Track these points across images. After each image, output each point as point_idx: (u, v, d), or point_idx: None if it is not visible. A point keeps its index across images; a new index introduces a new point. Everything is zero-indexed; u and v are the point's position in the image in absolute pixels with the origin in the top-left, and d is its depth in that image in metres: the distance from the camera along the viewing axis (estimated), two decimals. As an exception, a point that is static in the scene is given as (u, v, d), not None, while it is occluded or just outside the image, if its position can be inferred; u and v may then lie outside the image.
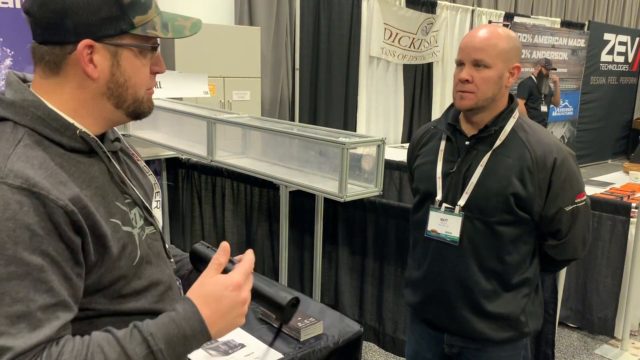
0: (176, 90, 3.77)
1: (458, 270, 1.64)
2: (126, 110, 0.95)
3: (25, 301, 0.77)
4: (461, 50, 1.59)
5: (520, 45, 1.62)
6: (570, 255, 1.67)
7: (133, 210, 0.97)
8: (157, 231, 1.04)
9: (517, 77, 1.61)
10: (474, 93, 1.56)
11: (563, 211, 1.58)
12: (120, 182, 0.96)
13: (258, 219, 3.43)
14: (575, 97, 8.98)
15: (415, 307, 1.79)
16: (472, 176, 1.60)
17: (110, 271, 0.90)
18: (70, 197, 0.83)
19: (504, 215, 1.57)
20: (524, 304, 1.65)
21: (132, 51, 0.92)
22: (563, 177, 1.56)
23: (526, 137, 1.59)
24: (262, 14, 5.48)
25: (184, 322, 0.87)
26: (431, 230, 1.68)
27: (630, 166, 5.11)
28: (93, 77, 0.90)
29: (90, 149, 0.92)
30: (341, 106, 6.49)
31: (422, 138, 1.81)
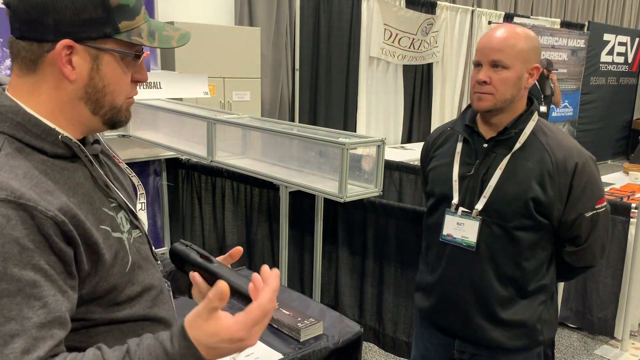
0: (176, 91, 3.77)
1: (474, 276, 1.60)
2: (103, 117, 0.91)
3: (19, 319, 0.73)
4: (479, 50, 1.55)
5: (539, 45, 1.58)
6: (589, 262, 1.63)
7: (119, 215, 0.94)
8: (143, 234, 1.01)
9: (536, 78, 1.57)
10: (492, 94, 1.52)
11: (583, 217, 1.54)
12: (104, 186, 0.93)
13: (258, 219, 3.43)
14: (575, 98, 8.98)
15: (426, 312, 1.74)
16: (491, 180, 1.56)
17: (105, 279, 0.87)
18: (59, 206, 0.80)
19: (523, 220, 1.53)
20: (540, 312, 1.61)
21: (114, 56, 0.88)
22: (584, 182, 1.52)
23: (546, 141, 1.55)
24: (262, 14, 5.49)
25: (178, 358, 0.79)
26: (447, 234, 1.64)
27: (630, 167, 5.11)
28: (70, 79, 0.86)
29: (73, 154, 0.89)
30: (341, 107, 6.49)
31: (437, 139, 1.76)
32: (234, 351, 0.82)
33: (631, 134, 10.67)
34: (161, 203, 4.06)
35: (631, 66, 10.39)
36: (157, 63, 4.17)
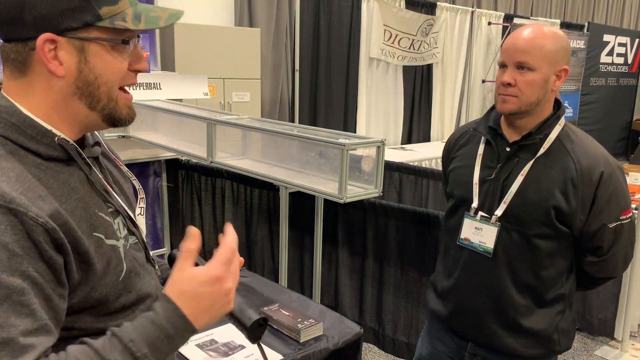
0: (176, 92, 3.77)
1: (490, 283, 1.56)
2: (101, 112, 0.87)
3: (6, 327, 0.71)
4: (504, 51, 1.50)
5: (569, 45, 1.51)
6: (610, 273, 1.57)
7: (117, 220, 0.91)
8: (140, 240, 0.98)
9: (564, 80, 1.50)
10: (517, 97, 1.47)
11: (606, 228, 1.48)
12: (102, 190, 0.90)
13: (258, 220, 3.43)
14: (574, 98, 8.98)
15: (440, 315, 1.70)
16: (512, 185, 1.51)
17: (96, 289, 0.85)
18: (50, 213, 0.77)
19: (543, 228, 1.48)
20: (557, 321, 1.57)
21: (101, 45, 0.83)
22: (609, 192, 1.46)
23: (572, 147, 1.50)
24: (262, 15, 5.49)
25: (165, 322, 0.80)
26: (464, 238, 1.60)
27: (630, 167, 5.11)
28: (58, 75, 0.82)
29: (69, 157, 0.86)
30: (341, 107, 6.49)
31: (459, 139, 1.71)
32: (218, 298, 0.84)
33: (631, 134, 10.67)
34: (161, 204, 4.06)
35: (631, 67, 10.40)
36: (156, 64, 4.17)
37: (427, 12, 7.05)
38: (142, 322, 0.80)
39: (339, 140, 2.49)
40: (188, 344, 1.77)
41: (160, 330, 0.80)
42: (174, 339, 0.81)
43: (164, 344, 0.80)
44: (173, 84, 3.77)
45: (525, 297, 1.54)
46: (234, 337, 1.86)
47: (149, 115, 3.71)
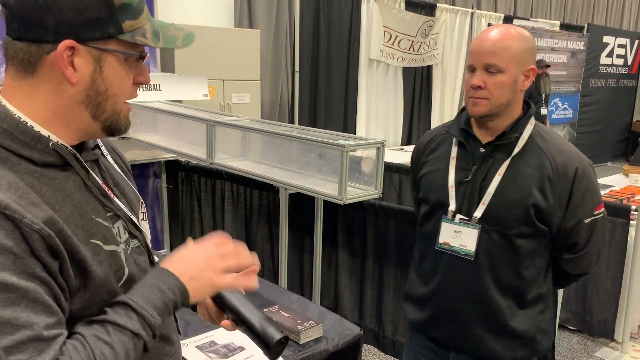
0: (176, 93, 3.77)
1: (472, 286, 1.55)
2: (103, 122, 0.87)
3: (28, 325, 0.73)
4: (472, 54, 1.50)
5: (534, 45, 1.52)
6: (585, 269, 1.60)
7: (116, 224, 0.91)
8: (142, 244, 0.98)
9: (532, 79, 1.51)
10: (488, 99, 1.47)
11: (582, 223, 1.51)
12: (100, 195, 0.89)
13: (258, 221, 3.43)
14: (574, 100, 8.99)
15: (420, 324, 1.69)
16: (490, 186, 1.51)
17: (97, 296, 0.85)
18: (45, 219, 0.77)
19: (523, 227, 1.49)
20: (538, 322, 1.58)
21: (117, 58, 0.84)
22: (584, 187, 1.49)
23: (545, 145, 1.51)
24: (261, 16, 5.49)
25: (154, 280, 0.87)
26: (443, 242, 1.58)
27: (630, 169, 5.11)
28: (72, 82, 0.82)
29: (65, 162, 0.85)
30: (341, 109, 6.50)
31: (430, 143, 1.70)
32: (196, 253, 0.92)
33: (631, 136, 10.68)
34: (161, 205, 4.05)
35: (631, 68, 10.40)
36: (156, 65, 4.17)
37: (426, 13, 7.05)
38: (135, 287, 0.87)
39: (338, 141, 2.49)
40: (187, 345, 1.77)
41: (151, 286, 0.86)
42: (164, 291, 0.86)
43: (156, 297, 0.85)
44: (173, 86, 3.77)
45: (508, 298, 1.55)
46: (233, 338, 1.86)
47: (149, 116, 3.71)
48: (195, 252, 0.92)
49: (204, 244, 0.94)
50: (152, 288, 0.86)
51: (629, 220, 3.30)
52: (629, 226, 3.31)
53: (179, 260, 0.91)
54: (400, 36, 6.78)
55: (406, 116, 7.22)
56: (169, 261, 0.91)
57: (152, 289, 0.86)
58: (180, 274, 0.88)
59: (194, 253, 0.92)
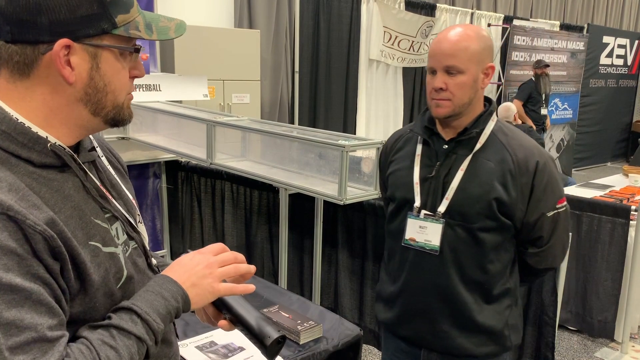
0: (176, 93, 3.77)
1: (438, 281, 1.56)
2: (105, 117, 0.88)
3: (32, 326, 0.74)
4: (431, 57, 1.52)
5: (492, 42, 1.56)
6: (550, 263, 1.62)
7: (114, 225, 0.91)
8: (140, 246, 0.98)
9: (491, 77, 1.55)
10: (450, 100, 1.50)
11: (545, 217, 1.53)
12: (98, 196, 0.89)
13: (258, 221, 3.43)
14: (574, 100, 8.99)
15: (390, 323, 1.70)
16: (453, 181, 1.54)
17: (96, 299, 0.85)
18: (46, 221, 0.77)
19: (487, 221, 1.51)
20: (506, 317, 1.60)
21: (112, 53, 0.84)
22: (545, 181, 1.51)
23: (507, 140, 1.54)
24: (261, 16, 5.49)
25: (157, 287, 0.89)
26: (409, 238, 1.59)
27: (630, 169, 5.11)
28: (69, 81, 0.82)
29: (63, 163, 0.84)
30: (341, 109, 6.50)
31: (396, 143, 1.73)
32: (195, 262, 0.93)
33: (630, 136, 10.69)
34: (160, 206, 4.05)
35: (630, 68, 10.41)
36: (156, 65, 4.17)
37: (426, 13, 7.06)
38: (138, 293, 0.89)
39: (338, 141, 2.49)
40: (187, 346, 1.77)
41: (154, 293, 0.88)
42: (166, 299, 0.88)
43: (159, 304, 0.87)
44: (173, 86, 3.77)
45: (474, 293, 1.56)
46: (233, 339, 1.86)
47: (149, 116, 3.71)
48: (195, 260, 0.94)
49: (203, 252, 0.96)
50: (156, 295, 0.88)
51: (629, 221, 3.30)
52: (629, 226, 3.31)
53: (180, 268, 0.93)
54: (400, 36, 6.78)
55: (406, 116, 7.22)
56: (171, 269, 0.93)
57: (155, 296, 0.87)
58: (182, 281, 0.90)
59: (194, 261, 0.94)
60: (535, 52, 8.05)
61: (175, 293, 0.89)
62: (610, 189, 4.45)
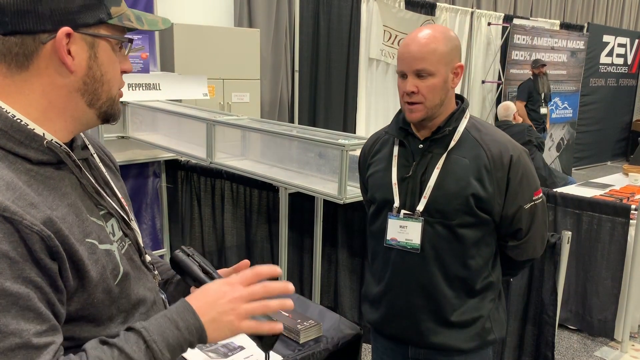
0: (175, 92, 3.77)
1: (421, 279, 1.58)
2: (99, 109, 0.89)
3: (17, 332, 0.72)
4: (400, 61, 1.53)
5: (459, 42, 1.58)
6: (530, 255, 1.65)
7: (109, 222, 0.91)
8: (134, 243, 0.98)
9: (461, 76, 1.56)
10: (422, 103, 1.51)
11: (522, 209, 1.55)
12: (94, 193, 0.89)
13: (257, 221, 3.42)
14: (574, 99, 8.99)
15: (376, 323, 1.72)
16: (430, 179, 1.56)
17: (94, 296, 0.84)
18: (43, 220, 0.77)
19: (465, 217, 1.53)
20: (489, 311, 1.62)
21: (109, 43, 0.86)
22: (520, 174, 1.53)
23: (480, 136, 1.56)
24: (261, 15, 5.49)
25: (175, 315, 0.85)
26: (390, 238, 1.61)
27: (630, 168, 5.11)
28: (71, 70, 0.83)
29: (59, 160, 0.84)
30: (340, 108, 6.50)
31: (373, 146, 1.74)
32: (221, 293, 0.88)
33: (631, 135, 10.68)
34: (160, 205, 4.05)
35: (630, 67, 10.40)
36: (156, 64, 4.17)
37: (426, 12, 7.05)
38: (154, 317, 0.86)
39: (338, 140, 2.49)
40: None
41: (170, 321, 0.85)
42: (181, 331, 0.85)
43: (172, 334, 0.84)
44: (172, 85, 3.77)
45: (456, 289, 1.58)
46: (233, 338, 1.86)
47: (149, 115, 3.71)
48: (221, 291, 0.89)
49: (232, 283, 0.90)
50: (170, 323, 0.85)
51: (629, 220, 3.30)
52: (629, 225, 3.31)
53: (203, 297, 0.89)
54: (400, 35, 6.78)
55: (406, 115, 7.22)
56: (195, 297, 0.89)
57: (169, 324, 0.85)
58: (201, 313, 0.87)
59: (220, 292, 0.89)
60: (536, 51, 8.05)
61: (191, 325, 0.86)
62: (610, 188, 4.45)
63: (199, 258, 1.03)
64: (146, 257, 1.02)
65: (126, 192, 1.05)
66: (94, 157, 0.98)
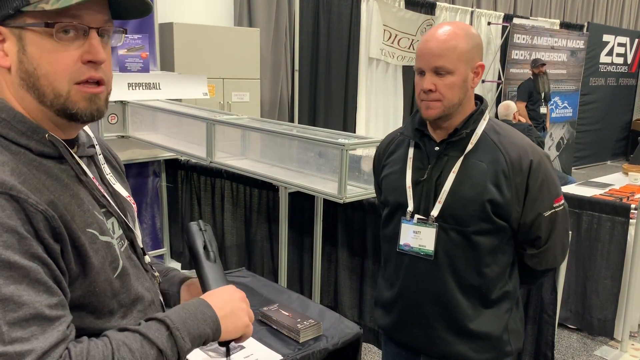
0: (175, 92, 3.77)
1: (434, 287, 1.52)
2: (51, 106, 0.83)
3: (30, 303, 0.73)
4: (419, 57, 1.46)
5: (481, 41, 1.50)
6: (550, 264, 1.57)
7: (110, 220, 0.92)
8: (134, 244, 0.98)
9: (481, 76, 1.50)
10: (440, 101, 1.45)
11: (542, 217, 1.48)
12: (94, 190, 0.90)
13: (257, 220, 3.42)
14: (574, 99, 8.99)
15: (388, 329, 1.67)
16: (445, 184, 1.49)
17: (96, 284, 0.85)
18: (47, 202, 0.78)
19: (481, 224, 1.46)
20: (505, 321, 1.55)
21: (36, 33, 0.80)
22: (540, 180, 1.46)
23: (499, 140, 1.49)
24: (261, 15, 5.49)
25: (193, 308, 0.89)
26: (404, 244, 1.56)
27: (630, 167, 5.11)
28: (5, 66, 0.82)
29: (60, 154, 0.85)
30: (340, 107, 6.50)
31: (388, 146, 1.69)
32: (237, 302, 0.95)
33: (630, 134, 10.68)
34: (160, 204, 4.05)
35: (630, 67, 10.40)
36: (156, 64, 4.17)
37: (426, 12, 7.05)
38: (171, 310, 0.89)
39: (338, 140, 2.49)
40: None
41: (189, 312, 0.89)
42: (200, 322, 0.88)
43: (193, 324, 0.87)
44: (172, 84, 3.77)
45: (471, 298, 1.51)
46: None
47: (149, 115, 3.71)
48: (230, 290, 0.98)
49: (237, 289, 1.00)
50: (190, 314, 0.89)
51: (629, 219, 3.30)
52: (629, 225, 3.31)
53: (218, 296, 0.96)
54: (400, 35, 6.78)
55: (406, 115, 7.22)
56: (208, 295, 0.96)
57: (190, 315, 0.89)
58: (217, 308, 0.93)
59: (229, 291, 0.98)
60: (535, 51, 8.05)
61: (208, 318, 0.90)
62: (610, 187, 4.45)
63: (208, 236, 1.05)
64: (145, 259, 1.02)
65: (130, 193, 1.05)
66: (99, 157, 0.98)
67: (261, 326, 1.95)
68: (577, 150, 9.35)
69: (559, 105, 8.61)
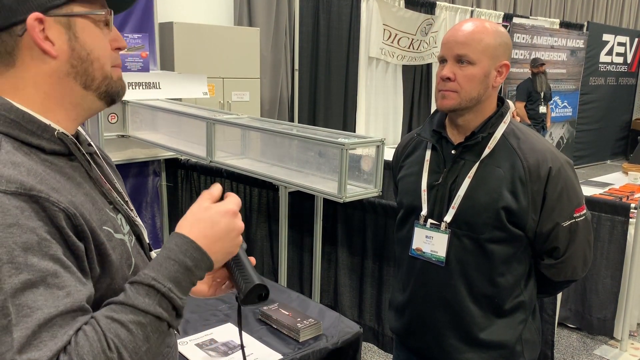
0: (175, 91, 3.77)
1: (445, 294, 1.48)
2: (97, 90, 0.86)
3: (45, 309, 0.71)
4: (443, 45, 1.43)
5: (510, 41, 1.45)
6: (570, 276, 1.49)
7: (118, 216, 0.91)
8: (140, 238, 0.98)
9: (505, 77, 1.44)
10: (457, 92, 1.40)
11: (560, 227, 1.41)
12: (102, 186, 0.90)
13: (257, 219, 3.43)
14: (574, 98, 8.99)
15: (399, 333, 1.64)
16: (459, 189, 1.44)
17: (116, 281, 0.84)
18: (67, 201, 0.77)
19: (495, 231, 1.41)
20: (519, 332, 1.49)
21: (87, 20, 0.83)
22: (559, 188, 1.40)
23: (518, 144, 1.43)
24: (261, 14, 5.49)
25: (181, 256, 0.81)
26: (416, 248, 1.52)
27: (629, 167, 5.11)
28: (52, 55, 0.81)
29: (70, 152, 0.85)
30: (340, 107, 6.50)
31: (406, 147, 1.65)
32: (229, 228, 0.86)
33: (630, 134, 10.68)
34: (160, 203, 4.06)
35: (630, 66, 10.40)
36: (156, 63, 4.17)
37: (426, 11, 7.05)
38: (158, 261, 0.81)
39: (338, 139, 2.50)
40: (187, 343, 1.77)
41: (179, 264, 0.81)
42: (192, 271, 0.82)
43: (184, 277, 0.81)
44: (172, 84, 3.77)
45: (483, 307, 1.47)
46: (233, 336, 1.86)
47: (149, 114, 3.71)
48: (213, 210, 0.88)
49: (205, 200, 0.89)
50: (180, 266, 0.81)
51: (628, 219, 3.30)
52: (629, 224, 3.31)
53: (200, 223, 0.86)
54: (400, 34, 6.78)
55: (406, 114, 7.22)
56: (190, 225, 0.86)
57: (178, 267, 0.81)
58: (204, 244, 0.84)
59: (211, 212, 0.87)
60: (535, 50, 8.05)
61: (200, 261, 0.83)
62: (610, 186, 4.46)
63: None
64: (152, 254, 1.03)
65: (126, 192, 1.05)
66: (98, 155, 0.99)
67: (261, 325, 1.95)
68: (577, 150, 9.36)
69: (559, 104, 8.61)
